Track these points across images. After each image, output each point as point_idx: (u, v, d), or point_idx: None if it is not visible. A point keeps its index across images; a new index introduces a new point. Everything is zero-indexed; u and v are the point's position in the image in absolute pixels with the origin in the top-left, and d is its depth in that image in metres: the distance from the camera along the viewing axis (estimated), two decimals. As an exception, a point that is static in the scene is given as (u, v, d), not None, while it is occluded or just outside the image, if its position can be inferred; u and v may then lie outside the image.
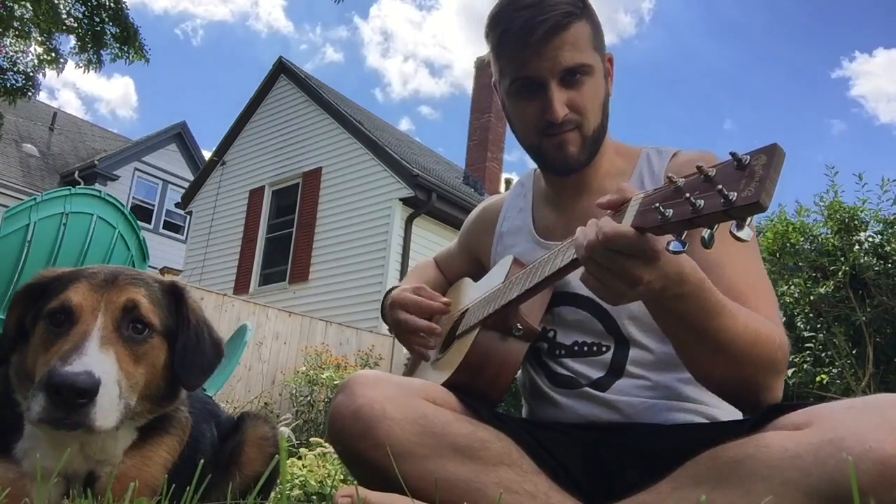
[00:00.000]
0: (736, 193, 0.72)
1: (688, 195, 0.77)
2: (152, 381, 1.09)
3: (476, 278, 1.48)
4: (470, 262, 1.55)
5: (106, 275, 1.10)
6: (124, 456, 1.11)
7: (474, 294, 1.37)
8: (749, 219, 0.73)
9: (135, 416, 1.09)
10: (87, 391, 0.93)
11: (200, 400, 1.42)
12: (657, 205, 0.80)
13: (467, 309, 1.34)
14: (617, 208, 0.91)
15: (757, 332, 0.99)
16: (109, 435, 1.06)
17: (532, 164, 1.37)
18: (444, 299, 1.35)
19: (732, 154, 0.75)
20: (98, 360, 0.98)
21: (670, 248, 0.80)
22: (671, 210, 0.79)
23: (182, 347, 1.14)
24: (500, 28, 1.21)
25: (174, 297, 1.18)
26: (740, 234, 0.73)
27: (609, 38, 1.32)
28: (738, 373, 1.01)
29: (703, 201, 0.75)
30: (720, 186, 0.73)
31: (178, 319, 1.16)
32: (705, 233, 0.77)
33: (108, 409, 0.96)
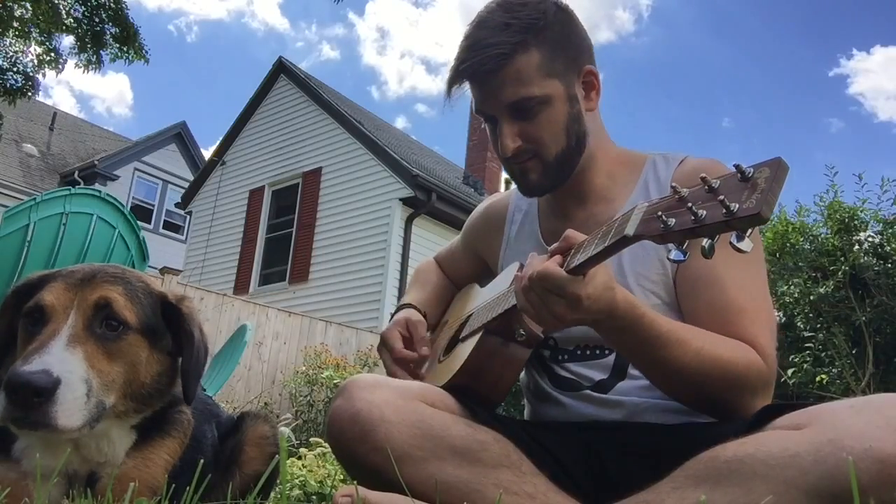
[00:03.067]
0: (738, 204, 0.73)
1: (690, 205, 0.78)
2: (134, 379, 1.08)
3: (481, 278, 1.48)
4: (475, 262, 1.55)
5: (84, 273, 1.08)
6: (125, 457, 1.10)
7: (480, 299, 1.37)
8: (750, 230, 0.74)
9: (121, 416, 1.08)
10: (43, 390, 0.92)
11: (202, 400, 1.42)
12: (660, 213, 0.81)
13: (472, 313, 1.35)
14: (563, 254, 0.97)
15: (715, 358, 1.02)
16: (101, 435, 1.06)
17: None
18: (424, 351, 1.35)
19: (737, 166, 0.76)
20: (60, 358, 0.96)
21: (671, 256, 0.82)
22: (673, 219, 0.80)
23: (187, 365, 1.13)
24: (451, 67, 1.25)
25: (168, 308, 1.16)
26: (740, 245, 0.74)
27: (606, 35, 1.33)
28: (697, 393, 1.06)
29: (704, 211, 0.76)
30: (722, 197, 0.74)
31: (177, 332, 1.15)
32: (706, 242, 0.78)
33: (71, 408, 0.95)
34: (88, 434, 1.02)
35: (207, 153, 14.29)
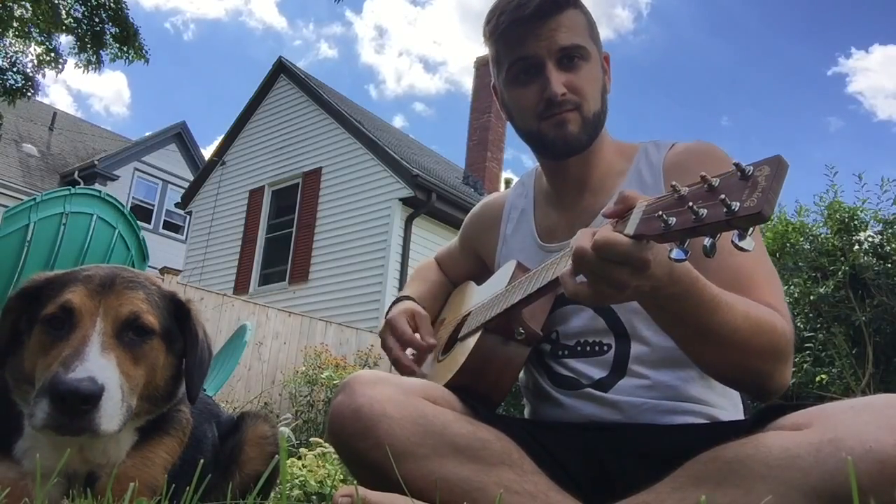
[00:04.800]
0: (738, 203, 0.72)
1: (691, 204, 0.77)
2: (151, 381, 1.10)
3: (479, 277, 1.48)
4: (473, 261, 1.55)
5: (102, 277, 1.10)
6: (124, 456, 1.11)
7: (478, 297, 1.37)
8: (751, 229, 0.73)
9: (134, 417, 1.09)
10: (91, 397, 0.94)
11: (202, 400, 1.43)
12: (660, 213, 0.80)
13: (470, 312, 1.34)
14: (622, 216, 0.90)
15: (758, 323, 0.99)
16: (111, 437, 1.06)
17: (530, 164, 1.37)
18: (432, 341, 1.34)
19: (736, 164, 0.75)
20: (100, 365, 0.98)
21: (672, 255, 0.81)
22: (674, 218, 0.79)
23: (191, 363, 1.15)
24: (496, 14, 1.25)
25: (178, 308, 1.18)
26: (742, 244, 0.74)
27: (605, 33, 1.36)
28: (741, 363, 1.01)
29: (705, 210, 0.76)
30: (723, 196, 0.73)
31: (183, 332, 1.17)
32: (707, 241, 0.77)
33: (111, 414, 0.97)
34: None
35: (205, 151, 14.28)
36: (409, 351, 1.35)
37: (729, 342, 0.97)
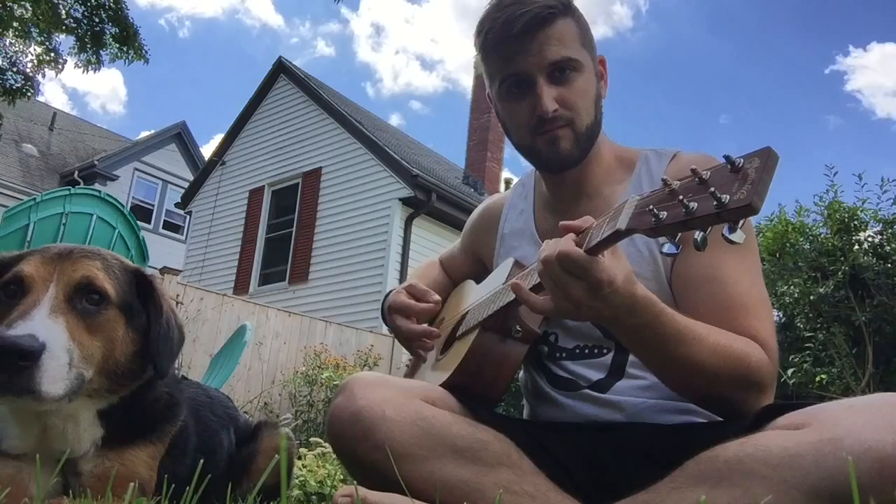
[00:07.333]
0: (728, 196, 0.72)
1: (681, 197, 0.77)
2: (110, 355, 1.07)
3: (479, 279, 1.48)
4: (473, 262, 1.56)
5: (60, 249, 1.09)
6: (104, 454, 1.08)
7: (476, 295, 1.37)
8: (741, 221, 0.74)
9: (93, 395, 1.07)
10: (29, 353, 0.92)
11: (221, 404, 1.42)
12: (651, 207, 0.81)
13: (468, 310, 1.35)
14: (578, 233, 0.95)
15: (728, 356, 1.01)
16: (68, 416, 1.05)
17: (530, 164, 1.37)
18: (435, 297, 1.36)
19: (726, 157, 0.75)
20: (44, 325, 0.96)
21: (664, 249, 0.81)
22: (665, 212, 0.79)
23: (156, 335, 1.13)
24: (484, 29, 1.23)
25: (142, 283, 1.16)
26: (732, 237, 0.74)
27: (604, 31, 1.34)
28: (707, 390, 1.04)
29: (696, 203, 0.76)
30: (713, 189, 0.73)
31: (148, 307, 1.15)
32: (698, 235, 0.77)
33: (54, 376, 0.95)
34: (60, 412, 1.02)
35: (203, 150, 14.26)
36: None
37: (692, 372, 1.01)
